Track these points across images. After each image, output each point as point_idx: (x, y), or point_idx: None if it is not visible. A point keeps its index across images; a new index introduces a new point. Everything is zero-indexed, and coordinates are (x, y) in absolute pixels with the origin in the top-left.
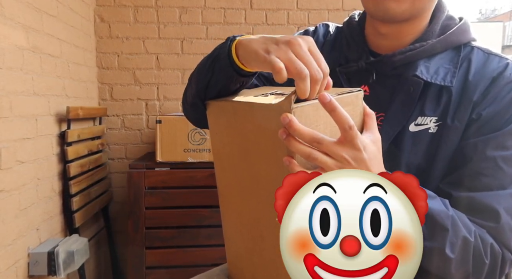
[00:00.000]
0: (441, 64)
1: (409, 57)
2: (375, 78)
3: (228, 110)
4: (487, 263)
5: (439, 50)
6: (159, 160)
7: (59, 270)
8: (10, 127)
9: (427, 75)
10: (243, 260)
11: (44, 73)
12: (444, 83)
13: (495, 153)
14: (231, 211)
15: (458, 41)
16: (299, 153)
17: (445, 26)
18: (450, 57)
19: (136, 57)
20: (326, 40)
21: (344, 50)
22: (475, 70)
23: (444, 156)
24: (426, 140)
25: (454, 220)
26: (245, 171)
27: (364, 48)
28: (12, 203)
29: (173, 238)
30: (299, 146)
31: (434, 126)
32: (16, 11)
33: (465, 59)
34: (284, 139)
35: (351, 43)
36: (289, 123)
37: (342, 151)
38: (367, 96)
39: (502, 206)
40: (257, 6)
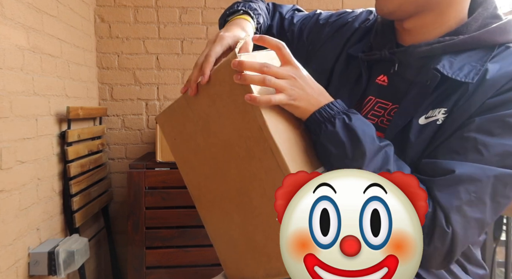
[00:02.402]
0: (468, 61)
1: (435, 49)
2: (396, 69)
3: (181, 105)
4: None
5: (469, 47)
6: (159, 160)
7: (59, 270)
8: (10, 127)
9: (449, 70)
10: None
11: (44, 73)
12: (465, 79)
13: (479, 136)
14: (212, 208)
15: (493, 40)
16: (254, 82)
17: (485, 24)
18: (480, 56)
19: (136, 57)
20: (361, 27)
21: (371, 38)
22: (499, 68)
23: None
24: (433, 131)
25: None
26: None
27: (391, 38)
28: (12, 203)
29: (173, 238)
30: (253, 76)
31: (443, 117)
32: (17, 11)
33: (494, 58)
34: (239, 79)
35: (379, 32)
36: (239, 62)
37: (286, 70)
38: (384, 86)
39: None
40: None
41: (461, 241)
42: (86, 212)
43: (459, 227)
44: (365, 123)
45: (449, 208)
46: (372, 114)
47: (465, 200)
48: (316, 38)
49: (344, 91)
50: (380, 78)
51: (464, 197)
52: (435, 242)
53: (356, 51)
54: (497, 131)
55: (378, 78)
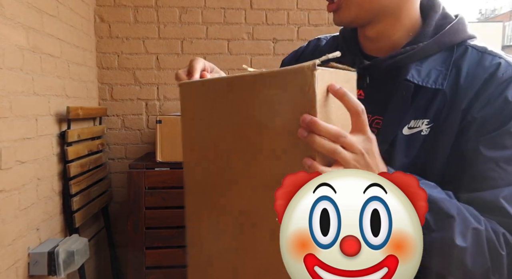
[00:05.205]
0: (434, 66)
1: (400, 60)
2: (369, 82)
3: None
4: (504, 254)
5: (431, 52)
6: (159, 160)
7: (59, 270)
8: (10, 127)
9: (418, 78)
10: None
11: (44, 73)
12: (435, 86)
13: (495, 153)
14: (209, 208)
15: (451, 41)
16: (323, 150)
17: (439, 26)
18: (443, 59)
19: (136, 57)
20: (318, 49)
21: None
22: (467, 71)
23: (437, 158)
24: (419, 142)
25: (460, 208)
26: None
27: (356, 53)
28: (12, 203)
29: (173, 238)
30: (324, 142)
31: (427, 128)
32: (16, 11)
33: (457, 60)
34: (306, 137)
35: (344, 49)
36: (311, 120)
37: (358, 142)
38: (362, 100)
39: (507, 202)
40: (257, 6)
41: None
42: (86, 212)
43: None
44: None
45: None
46: None
47: None
48: None
49: None
50: (357, 93)
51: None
52: None
53: None
54: (509, 143)
55: None
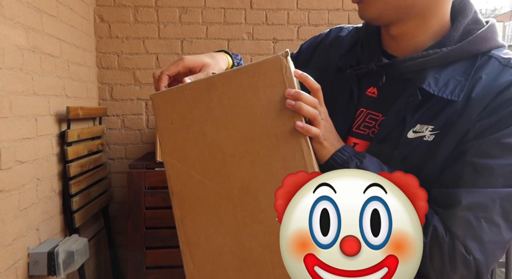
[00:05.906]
0: (453, 75)
1: (419, 64)
2: (385, 81)
3: (195, 88)
4: (426, 242)
5: (454, 59)
6: (159, 160)
7: (59, 270)
8: (10, 127)
9: (435, 88)
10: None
11: (44, 73)
12: (451, 97)
13: (478, 160)
14: (198, 207)
15: (476, 50)
16: (308, 114)
17: (467, 32)
18: (464, 68)
19: (136, 57)
20: (339, 40)
21: (358, 52)
22: (484, 84)
23: (438, 165)
24: (422, 147)
25: None
26: (228, 139)
27: (376, 50)
28: (12, 203)
29: (173, 238)
30: (309, 108)
31: (430, 134)
32: (16, 11)
33: (478, 70)
34: (294, 106)
35: (365, 45)
36: (296, 91)
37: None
38: (374, 98)
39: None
40: (257, 6)
41: (484, 265)
42: (86, 212)
43: (478, 254)
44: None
45: (464, 238)
46: (364, 125)
47: (477, 226)
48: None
49: (339, 108)
50: (370, 90)
51: (475, 224)
52: (461, 271)
53: (344, 64)
54: (496, 153)
55: (368, 90)
